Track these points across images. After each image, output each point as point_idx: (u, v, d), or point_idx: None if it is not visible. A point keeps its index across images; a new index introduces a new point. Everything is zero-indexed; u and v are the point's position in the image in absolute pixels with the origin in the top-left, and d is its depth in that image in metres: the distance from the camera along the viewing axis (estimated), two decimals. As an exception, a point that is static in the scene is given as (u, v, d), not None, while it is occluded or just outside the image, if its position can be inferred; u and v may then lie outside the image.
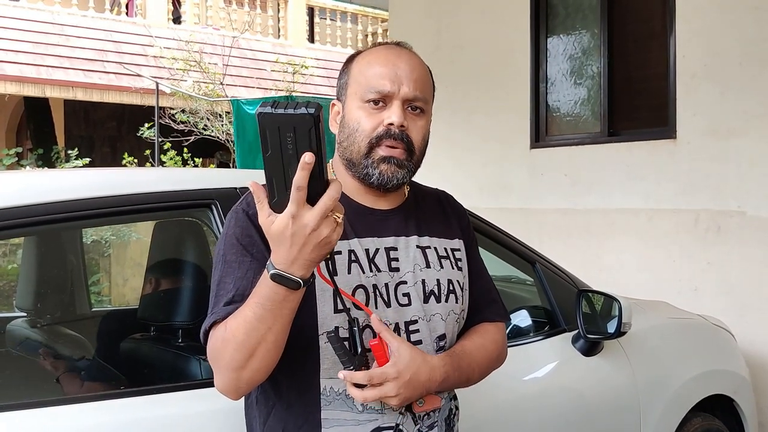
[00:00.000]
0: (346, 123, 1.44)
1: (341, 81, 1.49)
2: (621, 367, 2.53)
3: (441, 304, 1.46)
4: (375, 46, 1.50)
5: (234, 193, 1.81)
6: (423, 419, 1.41)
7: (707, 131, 4.22)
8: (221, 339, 1.27)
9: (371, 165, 1.40)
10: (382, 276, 1.41)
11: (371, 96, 1.40)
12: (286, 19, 13.27)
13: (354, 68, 1.47)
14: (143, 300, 2.22)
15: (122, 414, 1.60)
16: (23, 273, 2.50)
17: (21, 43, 9.96)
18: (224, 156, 11.30)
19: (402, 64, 1.43)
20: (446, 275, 1.48)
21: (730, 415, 3.02)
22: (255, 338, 1.22)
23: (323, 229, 1.12)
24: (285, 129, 1.07)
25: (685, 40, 4.32)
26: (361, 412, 1.36)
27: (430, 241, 1.50)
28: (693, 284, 4.25)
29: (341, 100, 1.48)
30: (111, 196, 1.74)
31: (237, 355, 1.24)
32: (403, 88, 1.40)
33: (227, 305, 1.30)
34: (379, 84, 1.40)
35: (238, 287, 1.31)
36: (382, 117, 1.40)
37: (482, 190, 5.34)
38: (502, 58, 5.36)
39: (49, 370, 2.12)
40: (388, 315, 1.39)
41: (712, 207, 4.19)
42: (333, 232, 1.14)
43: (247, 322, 1.21)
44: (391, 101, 1.40)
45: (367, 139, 1.40)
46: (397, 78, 1.41)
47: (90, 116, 11.88)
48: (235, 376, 1.27)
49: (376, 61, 1.44)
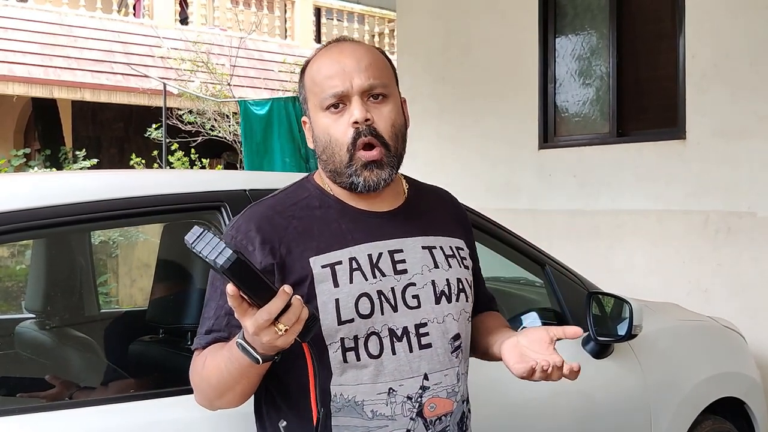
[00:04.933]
0: (317, 136, 1.42)
1: (301, 96, 1.47)
2: (631, 369, 2.51)
3: (452, 304, 1.44)
4: (318, 51, 1.46)
5: (243, 195, 1.80)
6: (434, 424, 1.39)
7: (717, 132, 4.20)
8: (198, 374, 1.36)
9: (355, 173, 1.38)
10: (388, 280, 1.38)
11: (328, 102, 1.38)
12: (293, 20, 13.29)
13: (306, 80, 1.44)
14: (152, 302, 2.21)
15: (131, 417, 1.59)
16: (32, 275, 2.50)
17: (29, 44, 10.00)
18: (231, 156, 11.32)
19: (346, 59, 1.39)
20: (455, 274, 1.46)
21: (741, 418, 2.99)
22: (225, 386, 1.31)
23: (263, 336, 1.16)
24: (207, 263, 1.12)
25: (695, 41, 4.30)
26: (371, 419, 1.35)
27: (436, 240, 1.48)
28: (703, 286, 4.23)
29: (307, 115, 1.46)
30: (120, 198, 1.73)
31: (210, 391, 1.35)
32: (355, 81, 1.37)
33: (208, 333, 1.38)
34: (330, 87, 1.37)
35: (218, 316, 1.37)
36: (346, 118, 1.37)
37: (490, 191, 5.33)
38: (511, 58, 5.34)
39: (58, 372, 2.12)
40: (396, 319, 1.37)
41: (723, 208, 4.16)
42: (276, 339, 1.16)
43: (220, 371, 1.29)
44: (349, 99, 1.37)
45: (344, 147, 1.37)
46: (345, 74, 1.37)
47: (98, 117, 11.92)
48: (209, 403, 1.40)
49: (321, 65, 1.41)
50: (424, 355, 1.38)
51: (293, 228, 1.38)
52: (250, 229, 1.37)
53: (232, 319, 1.29)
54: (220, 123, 10.10)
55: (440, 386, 1.40)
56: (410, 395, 1.36)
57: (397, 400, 1.35)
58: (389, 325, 1.36)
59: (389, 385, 1.35)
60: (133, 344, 2.18)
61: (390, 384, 1.35)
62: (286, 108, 7.03)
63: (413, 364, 1.37)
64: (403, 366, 1.36)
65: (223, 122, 10.11)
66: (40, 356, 2.27)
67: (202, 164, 9.98)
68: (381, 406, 1.34)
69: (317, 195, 1.44)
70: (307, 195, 1.44)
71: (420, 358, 1.38)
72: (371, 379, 1.34)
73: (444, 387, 1.40)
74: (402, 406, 1.35)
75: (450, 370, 1.42)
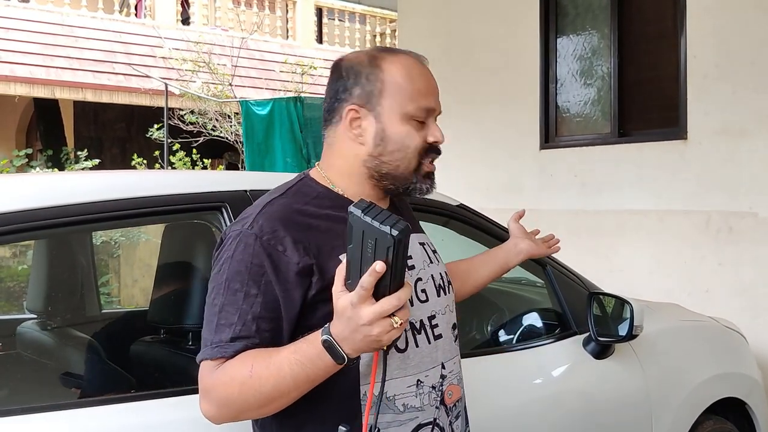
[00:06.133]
0: (388, 137, 1.39)
1: (369, 87, 1.40)
2: (632, 370, 2.51)
3: (447, 296, 1.52)
4: (400, 54, 1.45)
5: (244, 196, 1.80)
6: (452, 409, 1.45)
7: (719, 132, 4.20)
8: (238, 383, 1.24)
9: (420, 180, 1.43)
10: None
11: (419, 114, 1.41)
12: (294, 20, 13.29)
13: (387, 77, 1.40)
14: (153, 303, 2.21)
15: (132, 418, 1.59)
16: (34, 275, 2.51)
17: (31, 44, 10.00)
18: (233, 157, 11.33)
19: (433, 81, 1.46)
20: (442, 268, 1.55)
21: (742, 418, 2.99)
22: (280, 393, 1.23)
23: (375, 327, 1.13)
24: (368, 235, 1.12)
25: (697, 41, 4.29)
26: (402, 412, 1.36)
27: (423, 237, 1.56)
28: (704, 286, 4.22)
29: (370, 109, 1.40)
30: (121, 199, 1.73)
31: (252, 400, 1.24)
32: (438, 105, 1.46)
33: (233, 341, 1.27)
34: (427, 102, 1.42)
35: (245, 321, 1.27)
36: (424, 133, 1.43)
37: (491, 191, 5.33)
38: (512, 58, 5.34)
39: (59, 372, 2.12)
40: (414, 313, 1.40)
41: (724, 208, 4.16)
42: (386, 334, 1.14)
43: (281, 376, 1.21)
44: (430, 117, 1.44)
45: (417, 156, 1.42)
46: (437, 95, 1.45)
47: (99, 117, 11.92)
48: (235, 415, 1.29)
49: (416, 76, 1.42)
50: (438, 345, 1.44)
51: (316, 227, 1.35)
52: (276, 229, 1.31)
53: (262, 323, 1.27)
54: (221, 123, 10.11)
55: (453, 373, 1.47)
56: (434, 385, 1.41)
57: (424, 390, 1.39)
58: (410, 319, 1.37)
59: (417, 377, 1.38)
60: (135, 344, 2.18)
61: (417, 376, 1.39)
62: (287, 108, 7.03)
63: (433, 355, 1.42)
64: (426, 357, 1.40)
65: (225, 122, 10.12)
66: (42, 356, 2.28)
67: (203, 164, 9.99)
68: (411, 399, 1.37)
69: (326, 194, 1.43)
70: (316, 194, 1.42)
71: (437, 348, 1.43)
72: (400, 373, 1.36)
73: (455, 374, 1.48)
74: (428, 396, 1.39)
75: (456, 358, 1.50)
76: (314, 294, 1.30)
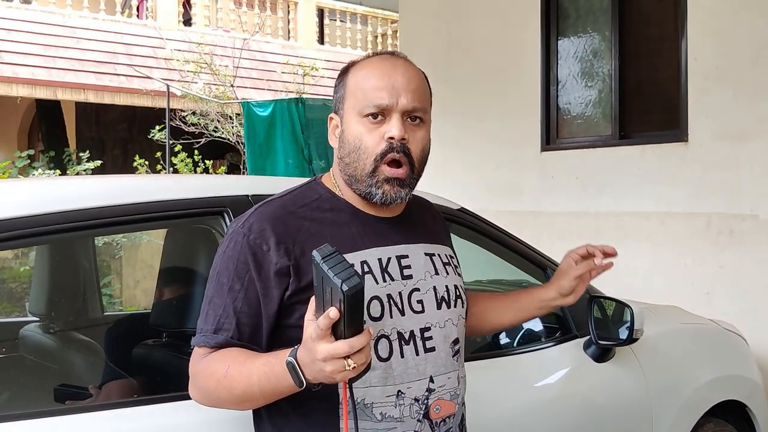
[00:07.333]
0: (346, 139, 1.43)
1: (338, 95, 1.47)
2: (633, 373, 2.51)
3: (451, 310, 1.49)
4: (369, 57, 1.48)
5: (246, 201, 1.81)
6: (440, 425, 1.42)
7: (719, 134, 4.20)
8: (215, 379, 1.32)
9: (375, 184, 1.40)
10: (396, 285, 1.42)
11: (370, 110, 1.39)
12: (296, 21, 13.29)
13: (350, 81, 1.45)
14: (156, 306, 2.22)
15: (135, 422, 1.60)
16: (36, 278, 2.52)
17: (32, 45, 10.01)
18: (234, 158, 11.33)
19: (398, 75, 1.41)
20: (452, 281, 1.52)
21: (743, 421, 3.00)
22: (248, 398, 1.31)
23: (328, 365, 1.15)
24: (326, 282, 1.13)
25: (697, 43, 4.30)
26: (380, 421, 1.36)
27: (434, 247, 1.53)
28: (705, 288, 4.23)
29: (339, 114, 1.46)
30: (123, 204, 1.74)
31: (225, 398, 1.33)
32: (401, 100, 1.39)
33: (216, 333, 1.35)
34: (376, 97, 1.39)
35: (228, 315, 1.36)
36: (382, 131, 1.39)
37: (492, 193, 5.33)
38: (513, 60, 5.35)
39: (62, 376, 2.13)
40: (404, 323, 1.40)
41: (725, 210, 4.16)
42: (338, 373, 1.15)
43: (251, 384, 1.27)
44: (390, 114, 1.39)
45: (372, 157, 1.39)
46: (394, 90, 1.39)
47: (101, 118, 11.93)
48: (215, 405, 1.39)
49: (371, 74, 1.42)
50: (429, 358, 1.42)
51: (306, 229, 1.39)
52: (263, 229, 1.37)
53: (242, 317, 1.34)
54: (223, 124, 10.11)
55: (444, 389, 1.43)
56: (417, 397, 1.39)
57: (405, 402, 1.38)
58: (398, 329, 1.39)
59: (398, 387, 1.38)
60: (137, 348, 2.19)
61: (398, 386, 1.38)
62: (288, 109, 7.04)
63: (420, 367, 1.40)
64: (411, 369, 1.39)
65: (227, 123, 10.13)
66: (44, 359, 2.28)
67: (205, 165, 10.00)
68: (390, 408, 1.37)
69: (328, 197, 1.46)
70: (318, 197, 1.46)
71: (426, 361, 1.41)
72: (380, 382, 1.37)
73: (447, 389, 1.44)
74: (410, 408, 1.38)
75: (452, 373, 1.46)
76: (290, 295, 1.35)
